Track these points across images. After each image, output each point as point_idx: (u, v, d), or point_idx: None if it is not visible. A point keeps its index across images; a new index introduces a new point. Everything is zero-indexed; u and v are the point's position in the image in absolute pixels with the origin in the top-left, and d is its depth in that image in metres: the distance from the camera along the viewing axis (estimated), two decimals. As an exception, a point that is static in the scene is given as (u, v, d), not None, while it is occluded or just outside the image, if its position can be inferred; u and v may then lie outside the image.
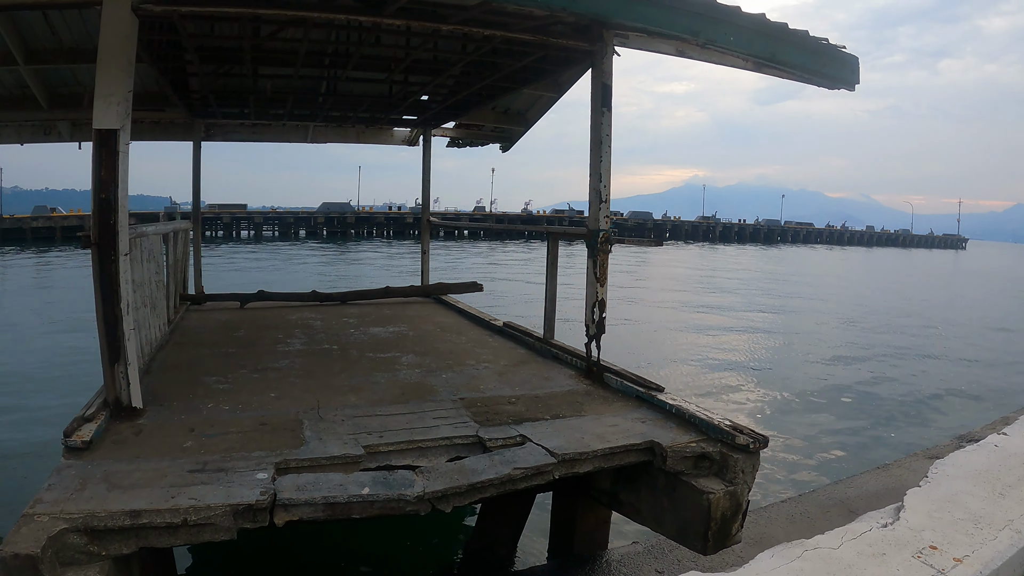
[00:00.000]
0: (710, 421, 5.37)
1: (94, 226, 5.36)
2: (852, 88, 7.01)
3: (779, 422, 13.05)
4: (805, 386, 15.87)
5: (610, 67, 6.66)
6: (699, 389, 14.82)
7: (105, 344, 5.46)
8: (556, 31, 6.71)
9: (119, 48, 5.35)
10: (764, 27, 6.03)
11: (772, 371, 17.27)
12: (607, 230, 6.75)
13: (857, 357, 19.38)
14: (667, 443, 5.18)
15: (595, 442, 5.20)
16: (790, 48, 6.30)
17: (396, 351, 8.33)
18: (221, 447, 4.93)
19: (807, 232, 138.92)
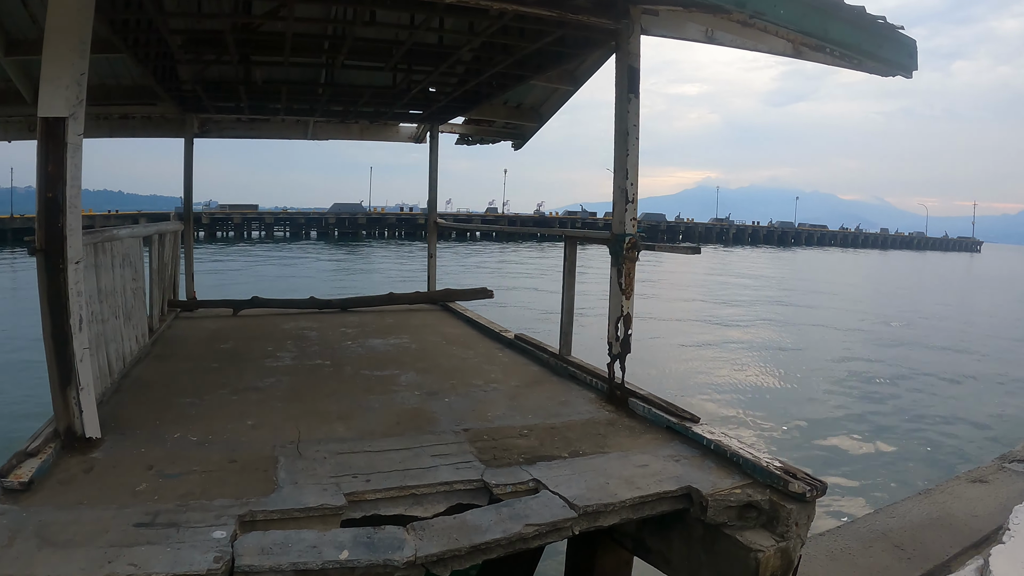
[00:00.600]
0: (757, 462, 4.54)
1: (39, 230, 4.69)
2: (909, 75, 6.17)
3: (805, 441, 12.28)
4: (832, 402, 15.11)
5: (637, 47, 5.87)
6: (719, 404, 14.05)
7: (54, 366, 4.77)
8: (576, 5, 5.88)
9: (69, 24, 4.66)
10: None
11: (797, 389, 16.50)
12: (634, 234, 5.93)
13: (884, 373, 18.49)
14: (707, 489, 4.35)
15: (622, 488, 4.36)
16: (845, 25, 5.47)
17: (395, 368, 7.54)
18: (179, 492, 4.18)
19: (821, 235, 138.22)
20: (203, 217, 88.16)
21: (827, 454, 11.82)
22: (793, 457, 11.35)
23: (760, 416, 14.15)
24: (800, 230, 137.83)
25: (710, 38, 6.21)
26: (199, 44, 8.04)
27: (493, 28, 7.16)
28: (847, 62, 6.03)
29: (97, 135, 11.32)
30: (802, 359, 19.77)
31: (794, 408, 14.65)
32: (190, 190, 11.95)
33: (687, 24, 6.04)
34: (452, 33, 8.01)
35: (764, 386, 16.76)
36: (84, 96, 4.74)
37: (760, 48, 6.29)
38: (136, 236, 7.66)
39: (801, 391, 16.19)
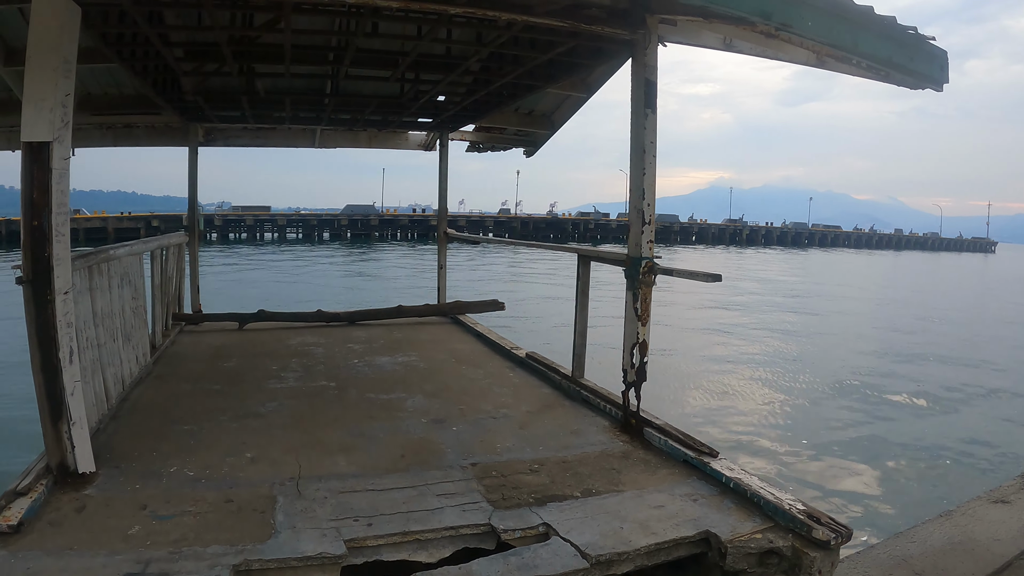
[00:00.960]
0: (779, 504, 4.28)
1: (25, 260, 4.49)
2: (940, 88, 5.87)
3: (818, 457, 11.99)
4: (846, 417, 14.79)
5: (654, 59, 5.61)
6: (735, 426, 13.73)
7: (44, 400, 4.58)
8: (589, 15, 5.62)
9: (52, 42, 4.44)
10: (847, 10, 4.94)
11: (808, 401, 16.20)
12: (651, 258, 5.67)
13: (900, 387, 18.10)
14: (726, 535, 4.10)
15: (637, 534, 4.10)
16: (876, 38, 5.18)
17: (402, 390, 7.29)
18: (172, 536, 3.96)
19: (835, 235, 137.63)
20: (215, 219, 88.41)
21: (841, 472, 11.51)
22: (806, 473, 11.17)
23: (770, 429, 13.86)
24: (814, 231, 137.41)
25: (728, 46, 5.96)
26: (198, 56, 7.82)
27: (502, 39, 6.91)
28: (874, 74, 5.75)
29: (101, 144, 11.13)
30: (814, 370, 19.42)
31: (807, 422, 14.32)
32: (195, 199, 11.76)
33: (704, 32, 5.79)
34: (460, 44, 7.76)
35: (775, 398, 16.44)
36: (70, 118, 4.53)
37: (780, 57, 6.03)
38: (136, 253, 7.47)
39: (812, 404, 15.86)
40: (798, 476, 11.28)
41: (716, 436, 12.15)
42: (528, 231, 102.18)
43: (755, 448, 12.86)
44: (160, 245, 9.25)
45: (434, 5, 5.30)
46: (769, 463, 11.99)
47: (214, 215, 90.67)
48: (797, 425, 14.08)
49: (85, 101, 9.49)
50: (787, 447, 12.98)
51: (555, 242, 70.19)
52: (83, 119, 9.94)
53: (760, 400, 16.06)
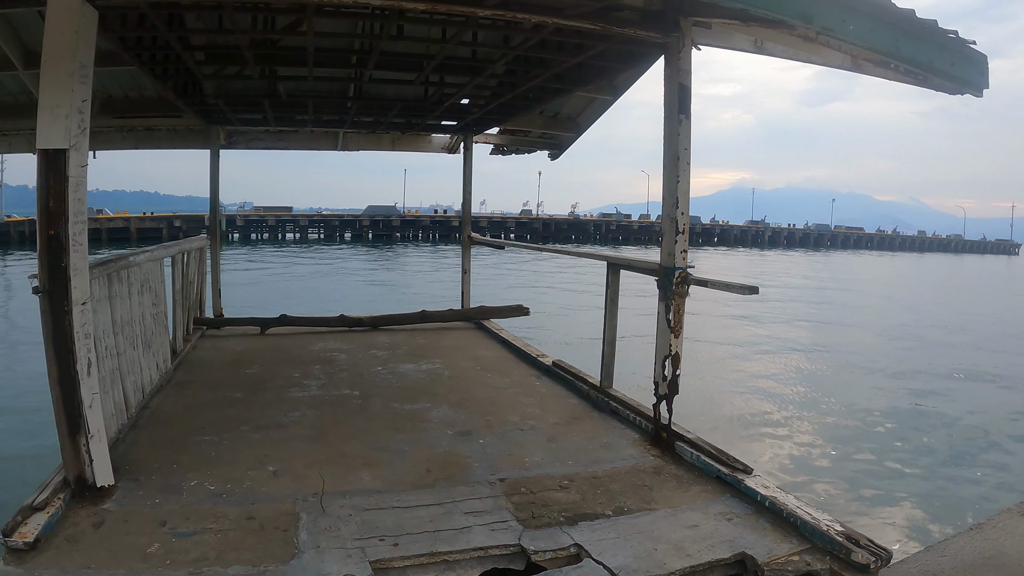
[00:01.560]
0: (816, 525, 4.14)
1: (41, 270, 4.39)
2: (980, 93, 5.69)
3: (843, 467, 11.78)
4: (871, 427, 14.52)
5: (688, 63, 5.45)
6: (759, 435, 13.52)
7: (61, 413, 4.49)
8: (621, 18, 5.47)
9: (67, 48, 4.34)
10: (890, 14, 4.77)
11: (832, 409, 15.91)
12: (684, 268, 5.51)
13: (929, 396, 17.75)
14: (763, 557, 3.96)
15: (671, 556, 3.96)
16: (917, 42, 5.00)
17: (427, 400, 7.17)
18: (192, 556, 3.85)
19: (857, 237, 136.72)
20: (237, 220, 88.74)
21: (869, 482, 11.29)
22: (832, 483, 10.98)
23: (796, 438, 13.65)
24: (836, 233, 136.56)
25: (759, 48, 5.83)
26: (219, 59, 7.73)
27: (531, 42, 6.77)
28: (912, 78, 5.58)
29: (122, 147, 11.09)
30: (839, 377, 19.15)
31: (831, 430, 14.09)
32: (216, 202, 11.69)
33: (736, 35, 5.66)
34: (486, 47, 7.63)
35: (799, 407, 16.21)
36: (87, 124, 4.43)
37: (814, 60, 5.88)
38: (156, 259, 7.38)
39: (836, 413, 15.58)
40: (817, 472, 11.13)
41: (741, 446, 12.01)
42: (550, 232, 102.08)
43: (775, 442, 12.75)
44: (181, 250, 9.18)
45: (462, 7, 5.18)
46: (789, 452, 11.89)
47: (236, 215, 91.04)
48: (817, 421, 13.94)
49: (106, 104, 9.44)
50: (809, 444, 12.84)
51: (576, 243, 70.07)
52: (104, 122, 9.90)
53: (789, 413, 15.89)
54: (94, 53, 4.56)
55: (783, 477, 10.85)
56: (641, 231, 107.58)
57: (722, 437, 7.74)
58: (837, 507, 9.88)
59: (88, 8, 4.42)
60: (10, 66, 7.28)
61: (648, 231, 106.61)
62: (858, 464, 11.95)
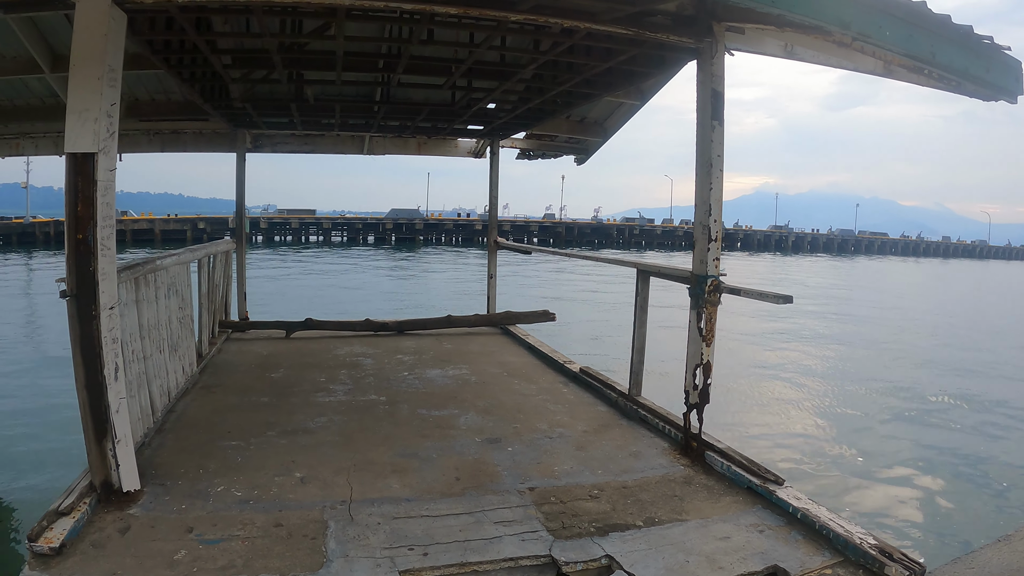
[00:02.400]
0: (849, 538, 4.06)
1: (69, 273, 4.36)
2: (1014, 100, 5.58)
3: (869, 476, 11.65)
4: (896, 436, 14.34)
5: (721, 69, 5.39)
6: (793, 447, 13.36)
7: (88, 417, 4.47)
8: (654, 23, 5.41)
9: (97, 51, 4.31)
10: (926, 20, 4.68)
11: (856, 417, 15.73)
12: (717, 276, 5.44)
13: (953, 404, 17.51)
14: (795, 570, 3.90)
15: (703, 569, 3.90)
16: (954, 48, 4.90)
17: (454, 406, 7.12)
18: (219, 563, 3.81)
19: (881, 243, 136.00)
20: (261, 222, 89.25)
21: (893, 492, 11.16)
22: (859, 493, 10.86)
23: (818, 446, 13.51)
24: (860, 238, 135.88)
25: (789, 53, 5.75)
26: (246, 63, 7.71)
27: (560, 47, 6.71)
28: (945, 84, 5.49)
29: (148, 150, 11.12)
30: (863, 387, 18.91)
31: (853, 439, 13.90)
32: (242, 206, 11.68)
33: (767, 40, 5.60)
34: (515, 51, 7.59)
35: (820, 417, 16.04)
36: (116, 128, 4.41)
37: (845, 65, 5.80)
38: (183, 262, 7.37)
39: (860, 421, 15.40)
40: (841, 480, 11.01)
41: (768, 454, 11.91)
42: (573, 236, 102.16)
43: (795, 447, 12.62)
44: (207, 253, 9.17)
45: (493, 11, 5.12)
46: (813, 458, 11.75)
47: (260, 218, 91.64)
48: (838, 429, 13.78)
49: (133, 107, 9.48)
50: (831, 452, 12.70)
51: (599, 247, 70.07)
52: (131, 125, 9.94)
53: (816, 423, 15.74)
54: (123, 57, 4.54)
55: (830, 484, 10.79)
56: (664, 236, 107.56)
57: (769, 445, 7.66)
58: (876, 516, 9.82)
59: (117, 12, 4.40)
60: (37, 69, 7.30)
61: (671, 236, 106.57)
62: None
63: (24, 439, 11.35)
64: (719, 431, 5.89)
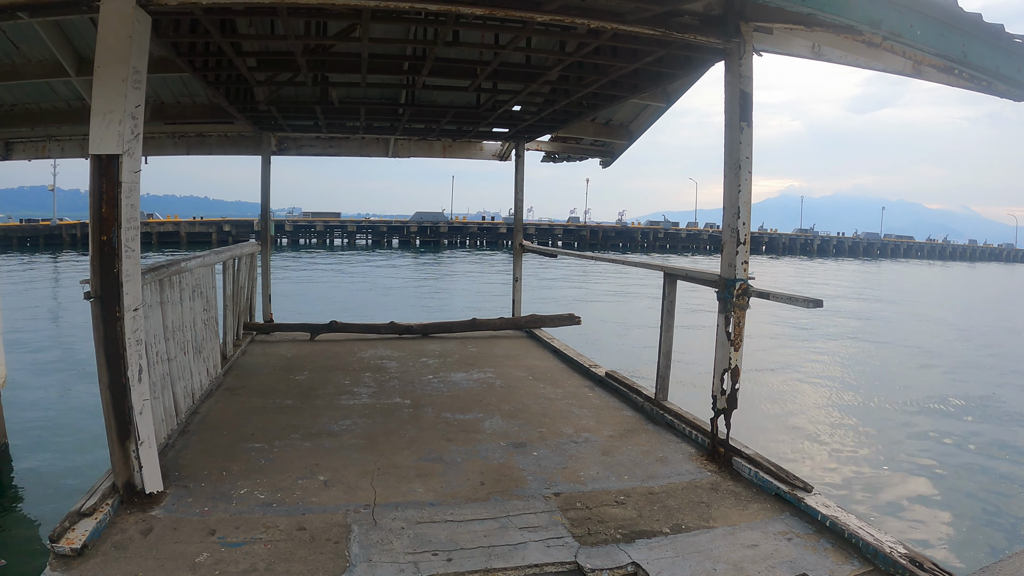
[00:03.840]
0: (879, 547, 3.99)
1: (93, 275, 4.37)
2: (1044, 99, 5.50)
3: (892, 482, 11.50)
4: (919, 443, 14.14)
5: (749, 70, 5.34)
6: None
7: (111, 418, 4.47)
8: (681, 23, 5.35)
9: (122, 53, 4.32)
10: (958, 19, 4.59)
11: (882, 420, 15.54)
12: (745, 280, 5.38)
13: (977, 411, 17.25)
14: None
15: (730, 578, 3.84)
16: (985, 47, 4.81)
17: (479, 410, 7.09)
18: (242, 566, 3.79)
19: (907, 246, 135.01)
20: (286, 225, 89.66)
21: (915, 499, 10.99)
22: (888, 500, 10.72)
23: (841, 445, 13.36)
24: (886, 241, 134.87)
25: (817, 54, 5.69)
26: (271, 65, 7.70)
27: (587, 48, 6.66)
28: (976, 84, 5.39)
29: (174, 153, 11.17)
30: (890, 390, 18.71)
31: (879, 444, 13.74)
32: (267, 208, 11.71)
33: (795, 40, 5.55)
34: (541, 53, 7.54)
35: (845, 412, 15.89)
36: (141, 130, 4.41)
37: (873, 66, 5.73)
38: (208, 264, 7.37)
39: (885, 424, 15.20)
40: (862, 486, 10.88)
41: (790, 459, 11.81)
42: (597, 239, 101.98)
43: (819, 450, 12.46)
44: (232, 255, 9.19)
45: (520, 12, 5.08)
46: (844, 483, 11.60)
47: (285, 221, 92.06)
48: (864, 430, 13.62)
49: (158, 110, 9.50)
50: (855, 454, 12.55)
51: (624, 251, 69.84)
52: (156, 128, 10.01)
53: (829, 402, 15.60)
54: (147, 59, 4.53)
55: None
56: (689, 239, 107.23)
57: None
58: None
59: (142, 14, 4.40)
60: (63, 72, 7.37)
61: (696, 239, 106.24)
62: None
63: (50, 441, 11.39)
64: (745, 435, 5.83)
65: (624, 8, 5.18)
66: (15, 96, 8.86)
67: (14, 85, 8.27)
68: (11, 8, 4.54)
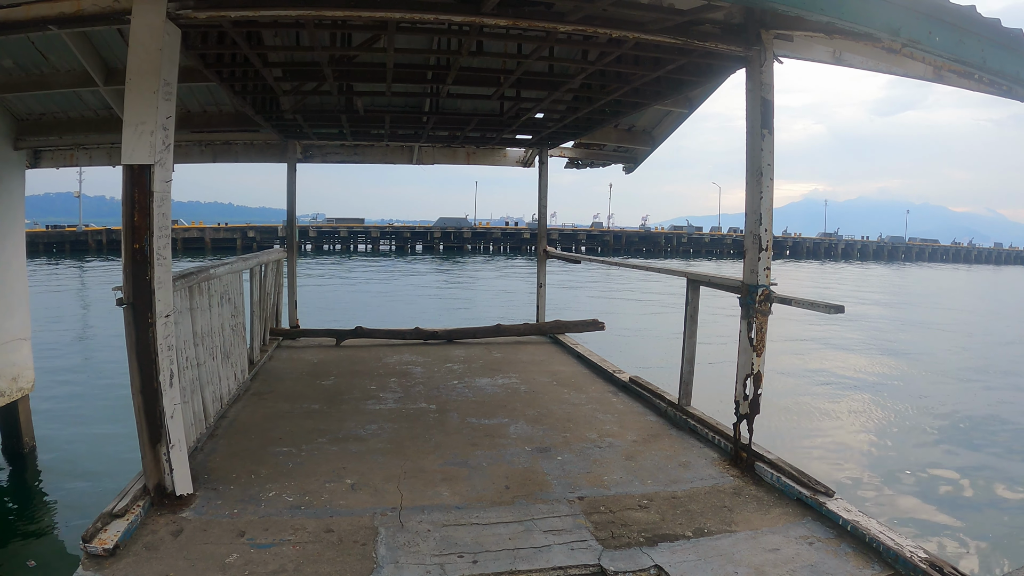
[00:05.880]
0: (900, 552, 4.01)
1: (126, 282, 4.46)
2: (1060, 103, 5.51)
3: (905, 488, 11.44)
4: (933, 448, 14.05)
5: (771, 77, 5.36)
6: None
7: (143, 422, 4.55)
8: (702, 31, 5.41)
9: (152, 65, 4.40)
10: (976, 24, 4.61)
11: (900, 429, 15.45)
12: (768, 286, 5.41)
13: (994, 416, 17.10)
14: None
15: (753, 582, 3.88)
16: (1004, 52, 4.83)
17: (504, 415, 7.14)
18: (271, 567, 3.87)
19: (932, 250, 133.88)
20: (310, 231, 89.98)
21: (932, 506, 10.92)
22: (910, 505, 10.68)
23: (855, 447, 13.32)
24: (911, 245, 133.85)
25: (838, 60, 5.71)
26: (297, 75, 7.80)
27: (608, 57, 6.71)
28: (995, 89, 5.41)
29: (200, 161, 11.28)
30: (908, 394, 18.58)
31: (894, 450, 13.65)
32: (293, 215, 11.82)
33: (816, 47, 5.56)
34: (563, 62, 7.60)
35: (860, 416, 15.82)
36: (171, 140, 4.49)
37: (895, 71, 5.74)
38: (236, 271, 7.46)
39: (904, 432, 15.09)
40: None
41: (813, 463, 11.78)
42: (620, 245, 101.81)
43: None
44: (259, 262, 9.29)
45: (543, 23, 5.14)
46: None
47: (309, 227, 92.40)
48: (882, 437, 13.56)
49: (185, 119, 9.63)
50: (870, 458, 12.50)
51: (647, 256, 69.73)
52: (183, 137, 10.12)
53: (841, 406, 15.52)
54: (177, 70, 4.62)
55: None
56: (712, 244, 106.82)
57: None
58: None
59: (172, 27, 4.49)
60: (91, 82, 7.51)
61: (719, 244, 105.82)
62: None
63: (76, 445, 11.50)
64: (768, 441, 5.86)
65: (646, 18, 5.23)
66: (44, 105, 9.01)
67: (42, 95, 8.43)
68: (43, 21, 4.63)
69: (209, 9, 4.58)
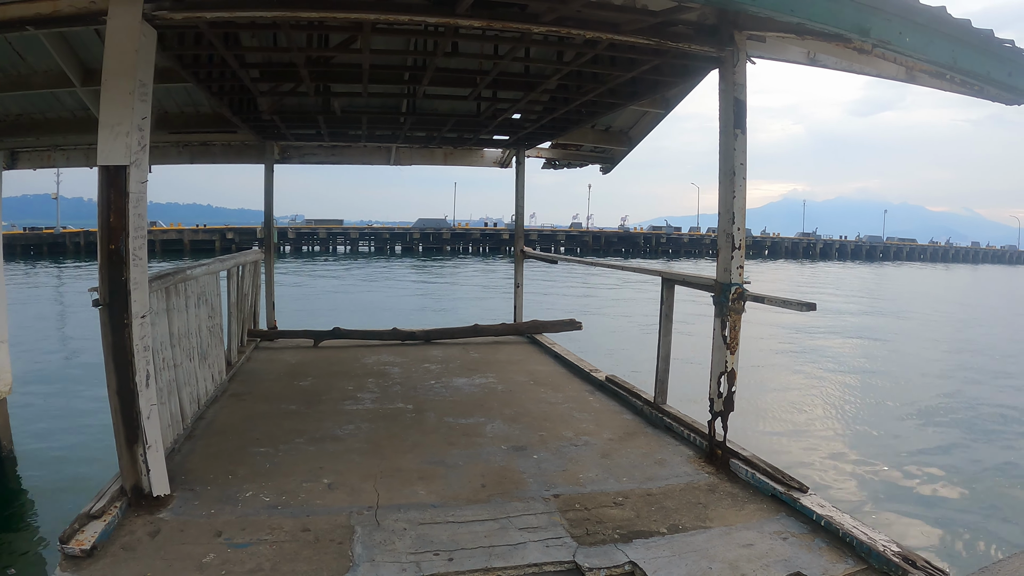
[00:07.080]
0: (873, 545, 4.07)
1: (102, 283, 4.46)
2: (1036, 104, 5.60)
3: (888, 480, 11.54)
4: (916, 437, 14.17)
5: (743, 78, 5.39)
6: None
7: (120, 423, 4.55)
8: (676, 32, 5.45)
9: (128, 66, 4.41)
10: (946, 25, 4.67)
11: (880, 417, 15.58)
12: (741, 284, 5.46)
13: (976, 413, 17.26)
14: None
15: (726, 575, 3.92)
16: (975, 52, 4.89)
17: (481, 414, 7.17)
18: (248, 566, 3.87)
19: (910, 249, 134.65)
20: (289, 232, 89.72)
21: (911, 497, 10.99)
22: (884, 500, 10.75)
23: (839, 443, 13.41)
24: (888, 244, 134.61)
25: (812, 60, 5.80)
26: (274, 76, 7.81)
27: (584, 58, 6.75)
28: (967, 89, 5.51)
29: (178, 162, 11.25)
30: (888, 382, 18.74)
31: (877, 441, 13.76)
32: (271, 216, 11.84)
33: (790, 48, 5.64)
34: (539, 62, 7.64)
35: (841, 409, 15.94)
36: (147, 141, 4.50)
37: (868, 72, 5.84)
38: (213, 272, 7.45)
39: (882, 421, 15.22)
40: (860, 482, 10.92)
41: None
42: (600, 245, 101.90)
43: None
44: (237, 263, 9.28)
45: (517, 24, 5.18)
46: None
47: (288, 228, 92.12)
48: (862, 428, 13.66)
49: (163, 120, 9.61)
50: (851, 452, 12.58)
51: (626, 256, 69.95)
52: (161, 137, 10.09)
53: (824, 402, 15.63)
54: (153, 71, 4.63)
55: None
56: (692, 244, 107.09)
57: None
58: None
59: (148, 28, 4.50)
60: (68, 83, 7.48)
61: (698, 244, 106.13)
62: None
63: (54, 448, 11.45)
64: (746, 438, 5.91)
65: (619, 19, 5.27)
66: (20, 106, 8.95)
67: (19, 95, 8.37)
68: (20, 22, 4.63)
69: (185, 10, 4.59)
